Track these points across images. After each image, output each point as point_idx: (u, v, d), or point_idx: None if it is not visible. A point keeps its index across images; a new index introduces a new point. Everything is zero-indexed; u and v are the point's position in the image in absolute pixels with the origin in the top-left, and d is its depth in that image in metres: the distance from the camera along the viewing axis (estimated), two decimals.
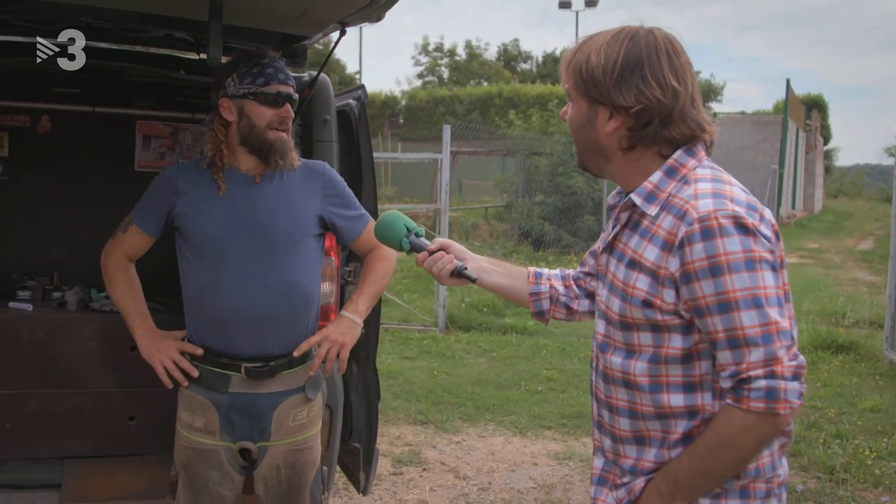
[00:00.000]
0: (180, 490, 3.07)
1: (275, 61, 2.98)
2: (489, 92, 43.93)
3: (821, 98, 45.94)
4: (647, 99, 1.92)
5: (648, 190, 1.97)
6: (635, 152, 2.00)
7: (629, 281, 1.98)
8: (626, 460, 2.08)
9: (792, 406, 1.81)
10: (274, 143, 2.93)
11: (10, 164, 4.40)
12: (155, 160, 4.55)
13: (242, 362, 2.97)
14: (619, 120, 1.97)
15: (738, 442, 1.84)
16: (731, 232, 1.81)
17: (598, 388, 2.14)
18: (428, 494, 5.21)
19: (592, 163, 2.09)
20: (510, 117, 21.44)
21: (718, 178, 1.94)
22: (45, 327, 3.94)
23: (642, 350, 1.99)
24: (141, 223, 3.06)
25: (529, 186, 18.88)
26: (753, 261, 1.81)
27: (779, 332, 1.81)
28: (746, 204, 1.87)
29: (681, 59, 1.97)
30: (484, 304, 11.13)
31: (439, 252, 2.37)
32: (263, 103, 2.92)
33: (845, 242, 24.98)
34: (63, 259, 4.42)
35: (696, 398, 1.95)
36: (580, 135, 2.06)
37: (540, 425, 6.67)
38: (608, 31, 2.01)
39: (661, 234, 1.91)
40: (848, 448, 6.08)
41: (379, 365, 7.96)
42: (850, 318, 11.11)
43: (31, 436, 3.91)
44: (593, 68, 1.96)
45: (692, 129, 1.98)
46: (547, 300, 2.44)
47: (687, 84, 1.96)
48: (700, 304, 1.85)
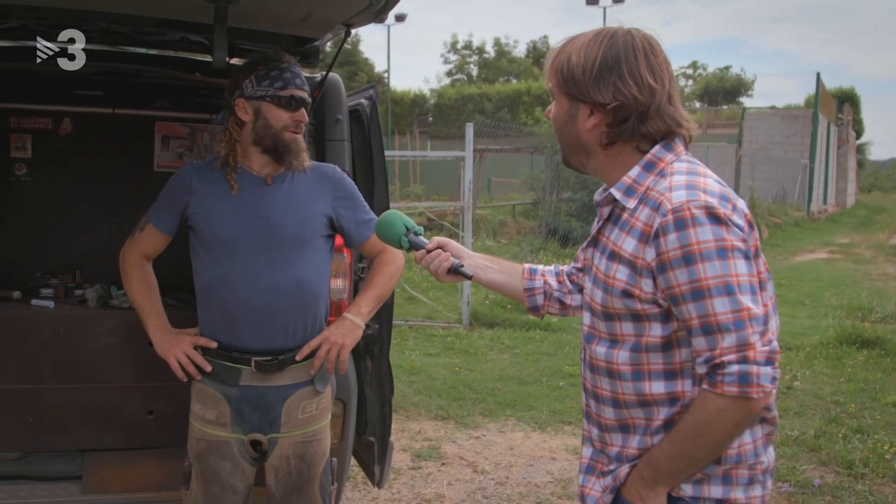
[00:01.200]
0: (193, 481, 3.16)
1: (292, 66, 3.06)
2: (518, 89, 43.93)
3: (853, 92, 45.48)
4: (623, 96, 2.00)
5: (627, 184, 2.05)
6: (615, 148, 2.08)
7: (609, 272, 2.05)
8: (613, 448, 2.14)
9: (765, 390, 1.85)
10: (290, 144, 3.02)
11: (33, 166, 4.51)
12: (174, 160, 4.64)
13: (252, 356, 3.05)
14: (599, 117, 2.05)
15: (715, 426, 1.90)
16: (703, 222, 1.88)
17: (586, 378, 2.21)
18: (446, 489, 5.27)
19: (575, 158, 2.18)
20: (537, 114, 21.42)
21: (693, 171, 2.00)
22: (66, 324, 4.04)
23: (624, 339, 2.05)
24: (157, 222, 3.15)
25: (557, 183, 18.85)
26: (725, 249, 1.87)
27: (751, 318, 1.86)
28: (719, 195, 1.93)
29: (658, 59, 2.04)
30: (508, 301, 11.13)
31: (437, 250, 2.44)
32: (280, 106, 3.00)
33: (877, 237, 24.69)
34: (84, 257, 4.51)
35: (677, 385, 2.01)
36: (563, 132, 2.14)
37: (560, 420, 6.70)
38: (589, 32, 2.09)
39: (639, 225, 1.98)
40: (868, 443, 6.05)
41: (402, 361, 8.09)
42: (878, 314, 11.01)
43: (53, 429, 4.02)
44: (573, 68, 2.05)
45: (668, 125, 2.05)
46: (541, 295, 2.52)
47: (664, 82, 2.03)
48: (675, 292, 1.91)
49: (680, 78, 58.87)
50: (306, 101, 3.06)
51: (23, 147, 4.51)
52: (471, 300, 10.59)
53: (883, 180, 62.96)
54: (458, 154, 11.49)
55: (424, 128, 41.77)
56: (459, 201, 11.85)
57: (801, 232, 24.36)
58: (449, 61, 64.23)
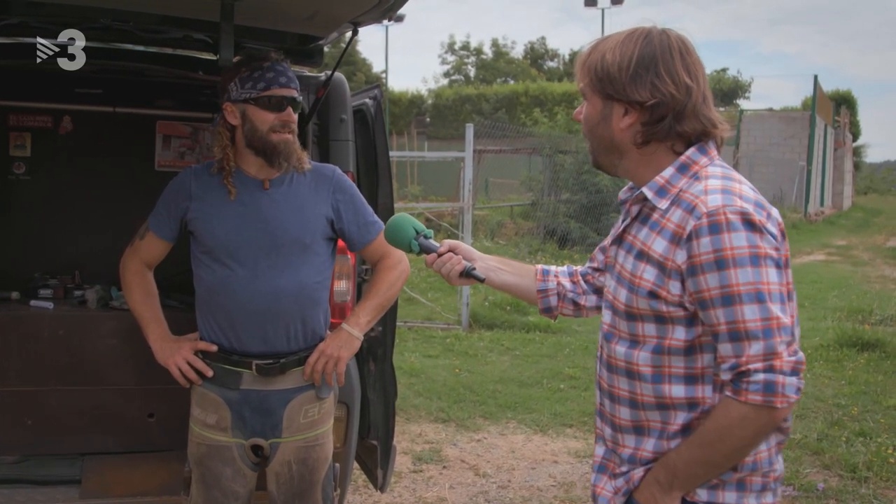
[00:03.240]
0: (194, 486, 3.12)
1: (277, 64, 2.98)
2: (515, 90, 43.90)
3: (850, 94, 45.56)
4: (661, 94, 1.98)
5: (660, 184, 2.02)
6: (649, 147, 2.05)
7: (636, 272, 2.02)
8: (625, 449, 2.11)
9: (789, 400, 1.83)
10: (277, 146, 2.95)
11: (33, 164, 4.47)
12: (175, 160, 4.61)
13: (253, 359, 3.01)
14: (634, 116, 2.02)
15: (736, 433, 1.88)
16: (738, 227, 1.86)
17: (602, 377, 2.18)
18: (447, 492, 5.23)
19: (606, 159, 2.15)
20: (535, 115, 21.41)
21: (729, 176, 1.98)
22: (65, 325, 4.00)
23: (646, 340, 2.03)
24: (157, 229, 3.11)
25: (555, 184, 18.84)
26: (758, 256, 1.85)
27: (780, 327, 1.84)
28: (755, 202, 1.92)
29: (692, 58, 2.03)
30: (507, 303, 11.12)
31: (448, 254, 2.41)
32: (265, 108, 2.94)
33: (874, 239, 24.72)
34: (84, 258, 4.47)
35: (697, 390, 1.99)
36: (595, 132, 2.12)
37: (561, 423, 6.66)
38: (621, 32, 2.07)
39: (670, 227, 1.96)
40: (871, 446, 6.02)
41: (402, 363, 8.05)
42: (877, 316, 10.99)
43: (52, 432, 3.98)
44: (608, 66, 2.02)
45: (704, 126, 2.02)
46: (554, 297, 2.48)
47: (699, 82, 2.01)
48: (704, 296, 1.89)
49: None
50: (293, 99, 2.98)
51: (22, 145, 4.48)
52: (470, 302, 10.56)
53: (879, 183, 63.22)
54: (458, 155, 11.47)
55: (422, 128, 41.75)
56: (458, 202, 11.83)
57: (798, 234, 24.33)
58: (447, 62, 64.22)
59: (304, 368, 3.05)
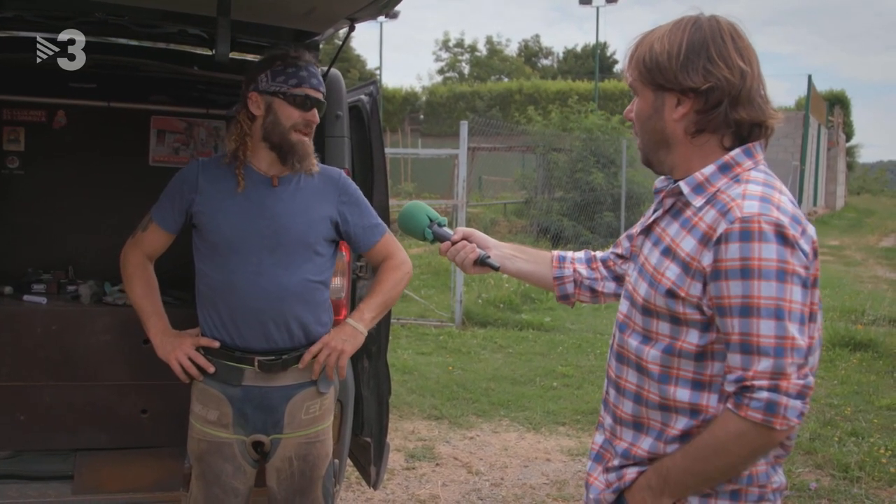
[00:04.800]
0: (193, 482, 3.11)
1: (310, 65, 3.00)
2: (510, 88, 43.96)
3: (843, 94, 45.63)
4: (715, 78, 1.91)
5: (698, 181, 1.97)
6: (701, 138, 1.98)
7: (660, 267, 1.97)
8: (621, 443, 2.08)
9: (789, 423, 1.79)
10: (295, 146, 2.95)
11: (26, 159, 4.45)
12: (169, 155, 4.59)
13: (256, 355, 3.00)
14: (688, 104, 1.96)
15: (732, 448, 1.84)
16: (770, 239, 1.80)
17: (610, 366, 2.14)
18: (440, 489, 5.22)
19: (656, 155, 2.07)
20: (529, 113, 21.42)
21: (770, 185, 1.91)
22: (59, 320, 3.97)
23: (658, 338, 1.98)
24: (161, 221, 3.08)
25: (549, 182, 18.86)
26: (786, 272, 1.80)
27: (793, 348, 1.79)
28: (791, 215, 1.85)
29: (744, 42, 1.96)
30: (500, 300, 11.13)
31: (462, 241, 2.39)
32: (292, 104, 2.94)
33: (867, 239, 24.79)
34: (78, 253, 4.45)
35: (703, 397, 1.94)
36: (647, 126, 2.05)
37: (554, 421, 6.67)
38: (668, 24, 2.01)
39: (702, 226, 1.90)
40: (863, 446, 6.04)
41: (395, 360, 8.04)
42: (870, 316, 11.01)
43: (45, 428, 3.96)
44: (657, 56, 1.96)
45: (760, 111, 1.96)
46: (571, 284, 2.45)
47: (753, 66, 1.95)
48: (724, 303, 1.84)
49: None
50: (321, 102, 3.00)
51: (15, 140, 4.45)
52: (463, 299, 10.55)
53: (872, 183, 63.35)
54: (452, 152, 11.45)
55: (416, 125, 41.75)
56: (451, 199, 11.81)
57: None
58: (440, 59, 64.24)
59: (304, 356, 3.03)
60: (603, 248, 12.95)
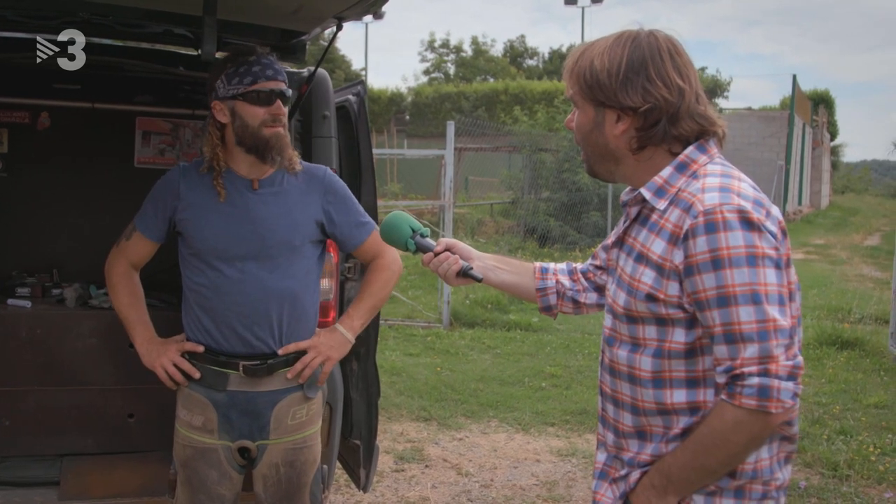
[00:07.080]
0: (179, 488, 3.07)
1: (263, 57, 2.93)
2: (495, 88, 43.95)
3: (827, 94, 45.81)
4: (654, 98, 1.94)
5: (658, 185, 1.99)
6: (645, 152, 2.01)
7: (635, 275, 1.99)
8: (628, 454, 2.08)
9: (784, 406, 1.79)
10: (270, 140, 2.89)
11: (10, 161, 4.39)
12: (155, 156, 4.54)
13: (240, 360, 2.96)
14: (627, 122, 1.98)
15: (730, 438, 1.84)
16: (734, 226, 1.82)
17: (604, 382, 2.14)
18: (430, 491, 5.20)
19: (602, 167, 2.10)
20: (515, 113, 21.40)
21: (728, 174, 1.94)
22: (43, 324, 3.93)
23: (647, 344, 1.99)
24: (144, 229, 3.05)
25: (535, 183, 18.85)
26: (755, 256, 1.81)
27: (776, 329, 1.80)
28: (753, 200, 1.87)
29: (683, 59, 1.99)
30: (488, 301, 11.11)
31: (445, 253, 2.37)
32: (254, 103, 2.88)
33: (852, 238, 24.89)
34: (62, 256, 4.40)
35: (699, 394, 1.95)
36: (588, 140, 2.07)
37: (543, 422, 6.65)
38: (608, 37, 2.02)
39: (669, 227, 1.92)
40: (852, 444, 6.05)
41: (382, 361, 8.00)
42: (856, 314, 11.06)
43: (31, 433, 3.91)
44: (598, 72, 1.98)
45: (700, 125, 1.99)
46: (553, 295, 2.45)
47: (691, 82, 1.98)
48: (701, 297, 1.85)
49: None
50: (282, 92, 2.93)
51: None
52: (451, 300, 10.53)
53: (856, 182, 63.64)
54: (438, 153, 11.43)
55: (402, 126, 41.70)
56: (437, 200, 11.79)
57: None
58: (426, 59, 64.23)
59: (296, 365, 3.01)
60: (590, 247, 13.00)
